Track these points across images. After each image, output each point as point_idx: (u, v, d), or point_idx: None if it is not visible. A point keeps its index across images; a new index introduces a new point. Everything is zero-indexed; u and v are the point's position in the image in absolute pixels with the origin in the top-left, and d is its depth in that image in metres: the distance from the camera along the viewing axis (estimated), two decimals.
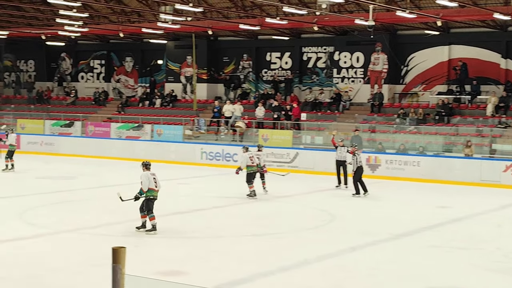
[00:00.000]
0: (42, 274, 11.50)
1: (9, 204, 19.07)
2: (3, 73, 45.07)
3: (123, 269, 5.13)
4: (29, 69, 44.27)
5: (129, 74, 41.26)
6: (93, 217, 17.04)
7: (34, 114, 38.20)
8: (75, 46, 42.44)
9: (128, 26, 34.56)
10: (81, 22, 32.98)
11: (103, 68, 41.97)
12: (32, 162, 29.95)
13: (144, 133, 33.33)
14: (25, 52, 43.97)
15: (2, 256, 12.60)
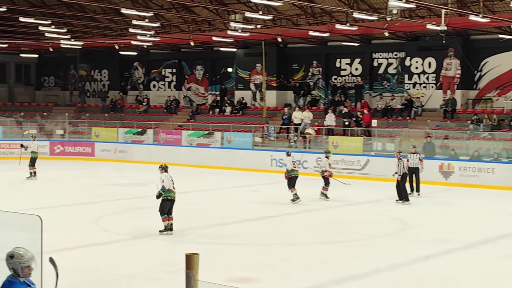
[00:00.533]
0: (117, 280, 11.71)
1: (84, 210, 19.50)
2: (79, 82, 46.21)
3: (196, 275, 5.17)
4: (103, 78, 45.26)
5: (200, 82, 41.71)
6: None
7: (108, 122, 38.98)
8: (147, 55, 43.18)
9: (199, 35, 34.95)
10: (153, 31, 33.54)
11: (174, 76, 42.55)
12: (106, 169, 30.57)
13: (214, 140, 33.60)
14: (99, 62, 45.00)
15: (78, 262, 12.88)
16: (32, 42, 39.33)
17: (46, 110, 42.67)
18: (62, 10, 34.35)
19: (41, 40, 37.91)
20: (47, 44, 39.33)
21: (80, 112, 42.52)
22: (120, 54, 42.25)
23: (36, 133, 32.46)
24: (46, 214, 16.44)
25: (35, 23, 31.54)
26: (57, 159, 34.91)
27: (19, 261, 5.43)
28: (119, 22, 34.65)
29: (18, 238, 9.65)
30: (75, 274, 11.84)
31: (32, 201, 20.37)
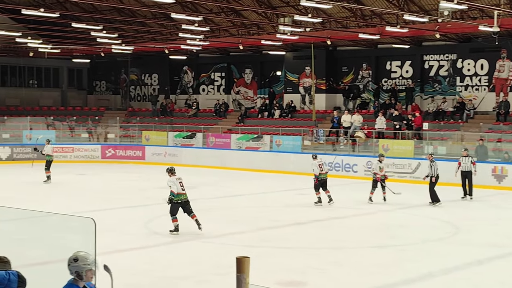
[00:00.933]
0: (168, 282, 11.78)
1: (135, 213, 19.70)
2: (129, 86, 46.79)
3: (247, 278, 5.15)
4: (153, 83, 45.72)
5: (249, 85, 41.81)
6: (216, 227, 17.30)
7: (158, 126, 39.35)
8: (197, 59, 43.47)
9: (248, 38, 35.04)
10: (202, 36, 33.75)
11: (223, 80, 42.74)
12: (156, 173, 30.82)
13: (263, 144, 33.61)
14: (150, 66, 45.49)
15: (130, 264, 13.00)
16: (84, 47, 39.98)
17: (97, 114, 43.32)
18: (114, 15, 34.82)
19: (93, 45, 38.50)
20: (99, 49, 39.94)
21: (131, 116, 43.02)
22: (170, 58, 42.63)
23: (48, 136, 32.73)
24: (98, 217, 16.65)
25: (87, 29, 32.03)
26: (108, 163, 35.38)
27: (83, 263, 5.44)
28: (169, 26, 34.94)
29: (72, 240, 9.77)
30: (126, 277, 11.94)
31: (84, 203, 20.67)
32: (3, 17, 37.67)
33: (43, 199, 21.88)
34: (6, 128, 38.18)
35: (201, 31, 32.30)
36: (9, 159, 34.95)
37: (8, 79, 46.16)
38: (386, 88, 35.88)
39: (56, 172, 30.26)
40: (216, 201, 22.42)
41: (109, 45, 37.61)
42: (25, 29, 36.69)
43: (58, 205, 19.21)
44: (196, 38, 33.79)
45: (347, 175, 29.04)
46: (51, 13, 26.98)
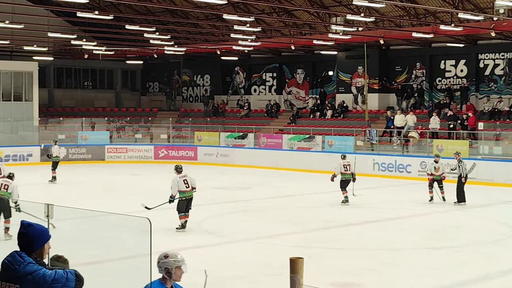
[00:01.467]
0: (221, 282, 11.80)
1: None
2: (182, 88, 47.16)
3: (301, 279, 5.12)
4: (205, 84, 45.99)
5: (300, 86, 41.72)
6: (268, 227, 17.29)
7: (210, 126, 39.57)
8: (248, 60, 43.57)
9: (300, 38, 34.96)
10: (254, 36, 33.80)
11: (275, 80, 42.74)
12: (208, 173, 30.99)
13: (315, 144, 33.48)
14: (202, 67, 45.78)
15: None
16: (138, 49, 40.45)
17: (150, 115, 43.79)
18: (166, 17, 35.14)
19: (146, 47, 38.93)
20: (152, 50, 40.36)
21: (183, 116, 43.34)
22: (221, 59, 42.82)
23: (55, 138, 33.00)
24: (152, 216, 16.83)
25: (141, 30, 32.39)
26: (161, 163, 35.69)
27: (174, 260, 5.48)
28: (221, 27, 35.10)
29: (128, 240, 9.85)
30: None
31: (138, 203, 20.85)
32: (59, 20, 38.39)
33: (98, 199, 22.18)
34: (62, 129, 38.91)
35: (252, 32, 32.35)
36: (65, 159, 35.49)
37: (64, 81, 47.01)
38: (440, 88, 35.38)
39: (110, 173, 30.73)
40: (268, 201, 22.41)
41: (162, 46, 37.96)
42: (80, 31, 37.30)
43: (113, 205, 19.45)
44: (248, 39, 33.86)
45: (400, 175, 28.71)
46: (105, 15, 27.34)
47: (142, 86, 49.75)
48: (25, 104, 38.53)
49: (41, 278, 4.48)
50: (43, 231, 4.73)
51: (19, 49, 39.75)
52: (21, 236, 4.66)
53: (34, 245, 4.64)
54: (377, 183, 27.45)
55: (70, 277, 4.55)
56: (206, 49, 39.60)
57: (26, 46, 37.99)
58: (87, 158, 36.07)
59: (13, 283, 4.53)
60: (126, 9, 35.02)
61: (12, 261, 4.57)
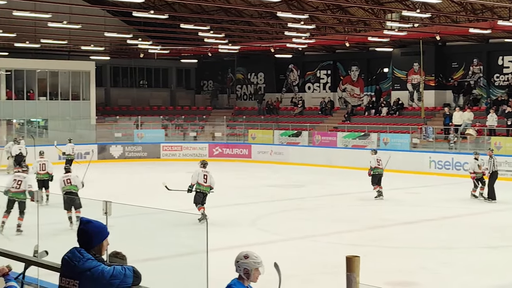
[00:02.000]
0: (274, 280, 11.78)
1: (243, 211, 19.88)
2: (236, 86, 47.33)
3: (357, 278, 5.07)
4: (259, 81, 46.05)
5: (355, 83, 41.41)
6: (322, 225, 17.23)
7: (263, 124, 39.58)
8: (302, 57, 43.45)
9: (354, 35, 34.69)
10: (308, 33, 33.68)
11: (329, 78, 42.53)
12: (263, 171, 31.04)
13: (370, 142, 33.18)
14: (256, 65, 45.84)
15: None
16: (192, 48, 40.73)
17: (205, 113, 44.06)
18: (220, 15, 35.28)
19: (200, 46, 39.16)
20: (206, 49, 40.58)
21: (237, 114, 43.49)
22: (275, 57, 42.80)
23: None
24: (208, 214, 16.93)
25: (195, 29, 32.60)
26: (215, 161, 35.85)
27: (254, 261, 5.56)
28: (275, 25, 35.06)
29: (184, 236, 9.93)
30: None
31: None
32: (115, 20, 38.93)
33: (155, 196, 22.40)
34: (119, 127, 39.49)
35: (307, 29, 32.23)
36: (121, 157, 36.11)
37: (120, 80, 47.67)
38: (498, 84, 34.69)
39: (165, 170, 30.97)
40: (322, 199, 22.31)
41: (216, 45, 38.14)
42: (136, 31, 37.76)
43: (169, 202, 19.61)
44: (302, 36, 33.76)
45: (457, 173, 28.22)
46: (161, 14, 27.59)
47: (196, 84, 50.09)
48: (83, 103, 39.21)
49: (99, 274, 4.54)
50: (102, 228, 4.79)
51: (77, 49, 40.46)
52: (80, 233, 4.73)
53: (93, 241, 4.70)
54: (433, 181, 27.08)
55: (128, 274, 4.60)
56: (260, 47, 39.62)
57: (84, 46, 38.64)
58: (142, 156, 36.52)
59: (73, 279, 4.60)
60: (181, 8, 35.29)
61: (72, 257, 4.64)
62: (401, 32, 31.00)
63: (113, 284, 4.54)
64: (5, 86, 36.74)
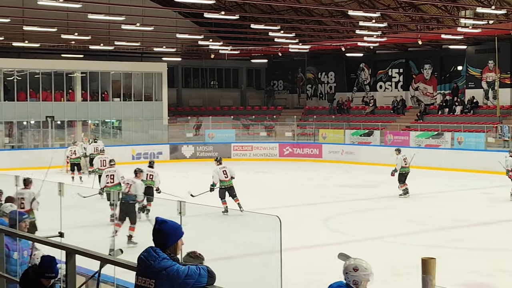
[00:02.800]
0: None
1: (314, 211, 19.81)
2: (306, 85, 47.24)
3: (433, 280, 4.99)
4: (330, 81, 45.83)
5: (428, 81, 40.74)
6: (395, 226, 17.02)
7: (334, 124, 39.35)
8: (374, 56, 43.03)
9: (427, 33, 34.14)
10: (379, 32, 33.34)
11: (401, 76, 41.98)
12: (334, 171, 30.87)
13: (444, 141, 32.60)
14: (326, 64, 45.64)
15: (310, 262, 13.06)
16: (262, 48, 40.85)
17: (275, 113, 44.11)
18: (291, 15, 35.28)
19: (270, 45, 39.24)
20: (276, 49, 40.64)
21: (307, 114, 43.39)
22: (346, 56, 42.51)
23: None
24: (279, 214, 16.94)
25: (265, 29, 32.69)
26: (286, 161, 35.92)
27: (364, 273, 5.53)
28: (345, 24, 34.86)
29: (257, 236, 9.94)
30: (305, 274, 12.01)
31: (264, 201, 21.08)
32: (187, 21, 39.39)
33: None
34: (190, 127, 39.94)
35: (378, 28, 31.92)
36: (193, 157, 36.51)
37: (191, 80, 48.21)
38: None
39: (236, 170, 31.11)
40: (394, 200, 22.03)
41: (286, 44, 38.14)
42: (207, 32, 38.11)
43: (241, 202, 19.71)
44: (373, 35, 33.45)
45: None
46: (231, 15, 27.79)
47: (266, 84, 50.23)
48: (155, 104, 39.80)
49: (175, 274, 4.58)
50: (177, 227, 4.83)
51: (149, 51, 41.14)
52: (155, 233, 4.79)
53: (168, 241, 4.75)
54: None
55: (203, 273, 4.63)
56: (331, 46, 39.43)
57: (156, 47, 39.26)
58: (213, 156, 36.71)
59: (149, 278, 4.66)
60: (251, 9, 35.45)
61: (147, 257, 4.70)
62: (475, 29, 30.34)
63: (188, 284, 4.58)
64: (81, 88, 37.63)
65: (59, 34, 32.88)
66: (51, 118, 35.14)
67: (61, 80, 36.96)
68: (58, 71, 36.89)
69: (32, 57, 37.58)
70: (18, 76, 35.48)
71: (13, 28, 32.45)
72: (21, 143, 35.58)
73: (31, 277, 5.99)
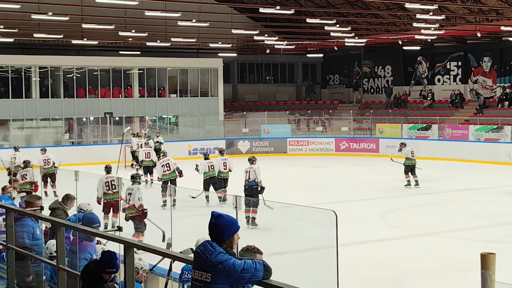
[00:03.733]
0: (407, 276, 11.61)
1: (371, 206, 19.66)
2: (362, 79, 46.86)
3: (493, 276, 4.87)
4: (386, 74, 45.36)
5: (487, 74, 39.94)
6: (454, 221, 16.76)
7: (391, 118, 38.93)
8: (431, 49, 42.39)
9: (486, 25, 33.46)
10: (437, 24, 32.82)
11: (459, 69, 41.26)
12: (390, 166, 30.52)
13: (503, 135, 31.94)
14: (383, 58, 45.17)
15: (368, 257, 12.97)
16: (318, 42, 40.64)
17: (331, 108, 43.89)
18: (346, 8, 35.02)
19: (326, 40, 39.03)
20: (332, 43, 40.40)
21: (364, 108, 43.05)
22: (403, 49, 41.98)
23: None
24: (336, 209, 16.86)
25: (321, 24, 32.53)
26: (342, 155, 35.71)
27: None
28: (402, 17, 34.42)
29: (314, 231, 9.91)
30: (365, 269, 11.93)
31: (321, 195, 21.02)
32: (242, 17, 39.49)
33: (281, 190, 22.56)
34: (246, 123, 40.07)
35: (436, 20, 31.40)
36: (249, 152, 36.53)
37: (246, 76, 48.33)
38: None
39: (292, 165, 31.18)
40: (453, 194, 21.73)
41: (342, 38, 37.88)
42: (262, 27, 38.12)
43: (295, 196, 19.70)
44: (431, 27, 32.94)
45: None
46: (287, 10, 27.75)
47: (322, 79, 50.00)
48: (211, 100, 40.03)
49: (231, 267, 4.60)
50: (233, 222, 4.84)
51: (205, 47, 41.38)
52: (211, 227, 4.81)
53: (224, 235, 4.76)
54: None
55: (259, 267, 4.62)
56: (387, 40, 38.99)
57: (212, 43, 39.46)
58: (269, 151, 36.86)
59: (205, 272, 4.69)
60: (306, 3, 35.33)
61: (204, 251, 4.73)
62: None
63: (244, 278, 4.59)
64: (138, 84, 38.12)
65: (116, 32, 33.36)
66: (109, 114, 35.71)
67: (119, 76, 37.52)
68: (116, 68, 37.44)
69: (90, 54, 38.23)
70: (77, 74, 36.14)
71: (72, 26, 33.05)
72: (81, 139, 36.25)
73: (92, 271, 6.08)
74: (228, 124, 39.34)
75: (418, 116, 38.02)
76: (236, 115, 41.51)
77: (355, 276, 10.91)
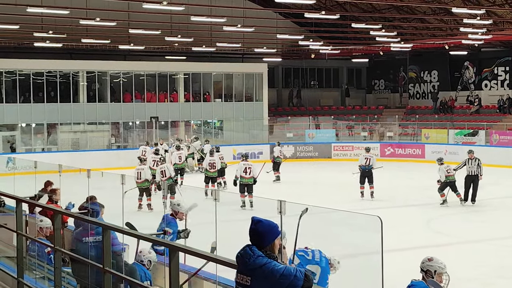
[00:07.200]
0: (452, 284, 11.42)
1: (417, 212, 19.50)
2: (408, 84, 46.46)
3: None
4: (433, 80, 44.90)
5: None
6: (500, 227, 16.52)
7: (437, 123, 38.50)
8: (478, 54, 41.84)
9: None
10: (484, 29, 32.40)
11: (507, 74, 40.63)
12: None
13: None
14: (429, 63, 44.73)
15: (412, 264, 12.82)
16: (363, 47, 40.48)
17: (376, 113, 43.61)
18: (392, 13, 34.81)
19: (371, 45, 38.84)
20: (377, 48, 40.18)
21: (409, 114, 42.66)
22: (450, 54, 41.52)
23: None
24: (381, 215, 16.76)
25: (366, 28, 32.38)
26: (387, 161, 35.37)
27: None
28: (449, 21, 34.07)
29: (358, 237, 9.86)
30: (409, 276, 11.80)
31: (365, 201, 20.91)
32: (287, 22, 39.53)
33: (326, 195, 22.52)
34: (290, 127, 40.06)
35: (483, 25, 31.02)
36: (293, 157, 36.54)
37: (291, 80, 48.32)
38: None
39: (336, 170, 31.05)
40: (501, 201, 21.43)
41: (388, 43, 37.66)
42: (307, 32, 38.11)
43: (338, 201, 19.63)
44: (478, 32, 32.54)
45: None
46: (332, 15, 27.68)
47: (367, 84, 49.73)
48: (256, 104, 40.12)
49: (270, 271, 4.61)
50: (273, 227, 4.84)
51: (250, 52, 41.51)
52: (251, 232, 4.83)
53: (264, 241, 4.77)
54: None
55: (299, 276, 4.60)
56: (434, 45, 38.64)
57: (256, 48, 39.57)
58: (314, 156, 36.79)
59: (246, 275, 4.73)
60: (352, 8, 35.21)
61: (244, 254, 4.77)
62: None
63: (282, 284, 4.58)
64: (183, 89, 38.42)
65: (162, 37, 33.69)
66: (155, 119, 36.04)
67: (165, 81, 37.86)
68: (162, 73, 37.79)
69: (137, 59, 38.68)
70: (124, 78, 36.58)
71: (119, 32, 33.50)
72: (127, 143, 36.66)
73: None
74: (272, 129, 39.38)
75: (465, 122, 37.50)
76: (280, 119, 41.53)
77: (400, 283, 10.81)
